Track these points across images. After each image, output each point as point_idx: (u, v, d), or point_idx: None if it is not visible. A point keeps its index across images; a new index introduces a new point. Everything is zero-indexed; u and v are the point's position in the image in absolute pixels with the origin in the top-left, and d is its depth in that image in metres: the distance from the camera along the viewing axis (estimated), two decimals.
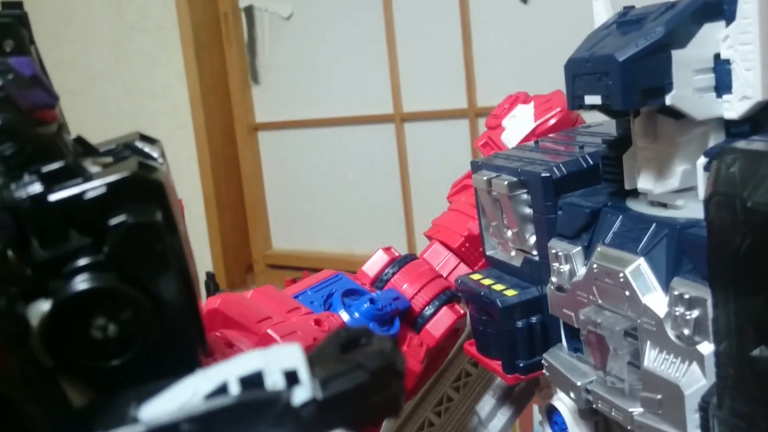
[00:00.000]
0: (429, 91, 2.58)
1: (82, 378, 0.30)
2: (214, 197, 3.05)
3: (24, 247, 0.31)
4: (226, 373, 0.25)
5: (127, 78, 3.19)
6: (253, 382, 0.25)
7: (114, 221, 0.30)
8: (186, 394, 0.25)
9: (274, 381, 0.25)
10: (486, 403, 0.80)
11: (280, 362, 0.25)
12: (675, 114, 0.49)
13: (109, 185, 0.30)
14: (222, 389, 0.25)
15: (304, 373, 0.25)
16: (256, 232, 3.16)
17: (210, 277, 2.55)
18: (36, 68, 0.32)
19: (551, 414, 0.68)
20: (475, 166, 0.71)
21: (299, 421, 0.24)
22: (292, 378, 0.25)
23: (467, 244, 0.79)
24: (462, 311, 0.74)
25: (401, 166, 2.70)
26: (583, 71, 0.51)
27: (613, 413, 0.53)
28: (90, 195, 0.30)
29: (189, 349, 0.31)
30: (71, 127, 0.45)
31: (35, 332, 0.29)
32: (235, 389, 0.24)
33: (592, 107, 0.51)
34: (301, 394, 0.24)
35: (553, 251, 0.59)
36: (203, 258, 3.03)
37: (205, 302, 0.60)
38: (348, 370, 0.26)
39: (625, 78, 0.47)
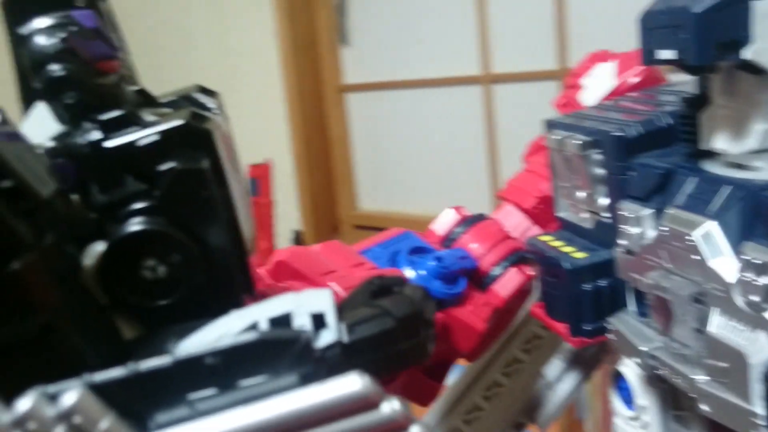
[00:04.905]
0: (518, 53, 2.52)
1: (134, 315, 0.31)
2: (304, 157, 3.10)
3: (87, 191, 0.33)
4: (257, 314, 0.26)
5: (222, 38, 3.27)
6: (281, 322, 0.25)
7: (163, 167, 0.31)
8: (219, 331, 0.26)
9: (302, 323, 0.25)
10: (554, 366, 0.79)
11: (309, 305, 0.26)
12: (755, 70, 0.46)
13: (162, 133, 0.32)
14: (252, 328, 0.26)
15: (331, 317, 0.26)
16: (343, 193, 3.21)
17: (297, 235, 2.62)
18: (98, 21, 0.34)
19: (618, 380, 0.67)
20: (549, 125, 0.69)
21: (322, 362, 0.24)
22: (320, 321, 0.26)
23: (540, 206, 0.78)
24: (531, 273, 0.73)
25: (489, 128, 2.66)
26: (658, 24, 0.49)
27: (676, 380, 0.51)
28: (143, 142, 0.32)
29: (233, 292, 0.33)
30: (168, 86, 0.47)
31: (92, 271, 0.31)
32: (264, 328, 0.25)
33: (666, 62, 0.49)
34: (326, 337, 0.25)
35: (623, 213, 0.57)
36: (291, 216, 3.11)
37: (274, 254, 0.62)
38: (375, 316, 0.26)
39: (701, 31, 0.44)
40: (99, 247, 0.31)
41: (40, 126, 0.34)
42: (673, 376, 0.51)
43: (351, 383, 0.23)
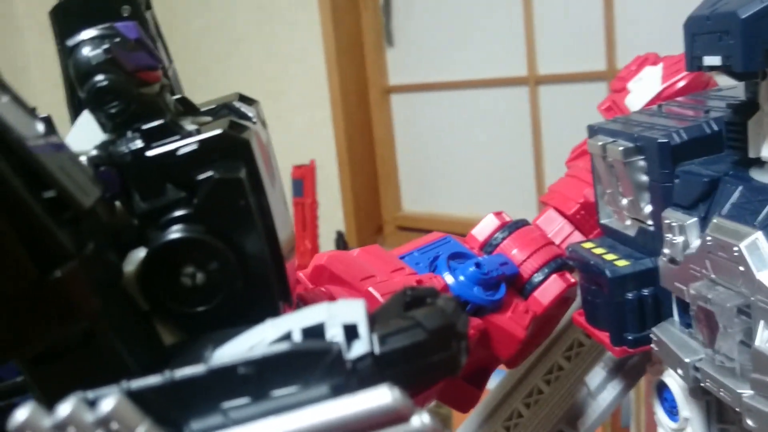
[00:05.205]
0: (565, 53, 2.49)
1: (174, 321, 0.32)
2: (348, 158, 3.12)
3: (129, 199, 0.34)
4: (292, 324, 0.26)
5: (268, 42, 3.31)
6: (314, 333, 0.26)
7: (202, 176, 0.32)
8: (254, 341, 0.26)
9: (334, 334, 0.26)
10: (596, 375, 0.78)
11: (341, 316, 0.26)
12: None
13: (201, 142, 0.32)
14: (286, 338, 0.26)
15: (363, 328, 0.26)
16: (387, 194, 3.21)
17: (340, 236, 2.63)
18: (140, 32, 0.35)
19: (662, 391, 0.65)
20: (592, 131, 0.68)
21: (353, 373, 0.24)
22: (352, 332, 0.26)
23: (582, 212, 0.76)
24: (572, 280, 0.72)
25: (534, 130, 2.64)
26: (703, 30, 0.47)
27: (721, 393, 0.50)
28: (183, 151, 0.32)
29: (270, 300, 0.33)
30: (217, 90, 0.48)
31: (133, 277, 0.32)
32: (297, 338, 0.26)
33: (712, 68, 0.47)
34: (358, 348, 0.25)
35: (667, 221, 0.56)
36: (335, 217, 3.13)
37: (313, 258, 0.63)
38: (407, 328, 0.26)
39: (747, 37, 0.43)
40: (140, 253, 0.32)
41: (86, 134, 0.35)
42: (717, 389, 0.50)
43: (381, 396, 0.23)
